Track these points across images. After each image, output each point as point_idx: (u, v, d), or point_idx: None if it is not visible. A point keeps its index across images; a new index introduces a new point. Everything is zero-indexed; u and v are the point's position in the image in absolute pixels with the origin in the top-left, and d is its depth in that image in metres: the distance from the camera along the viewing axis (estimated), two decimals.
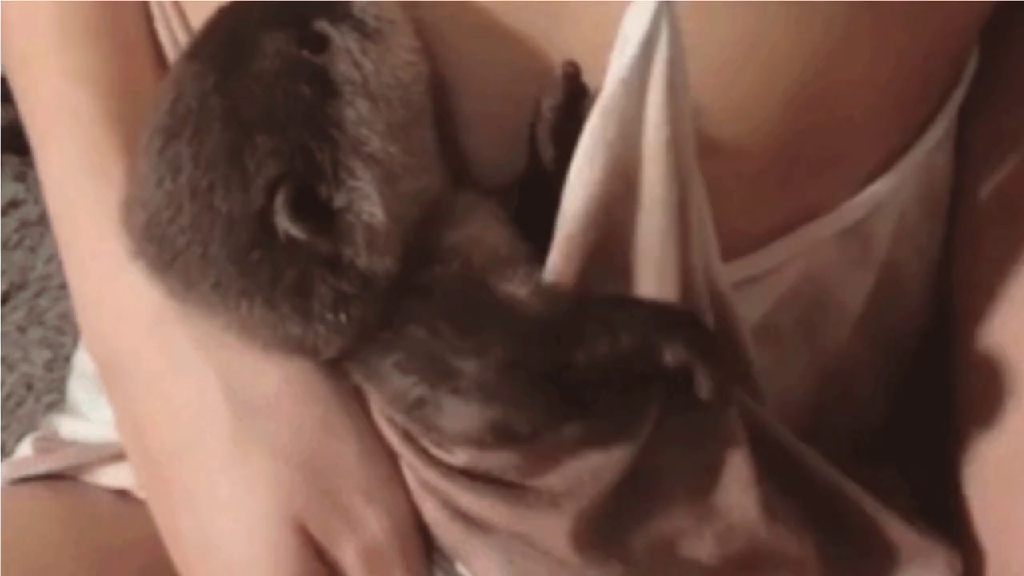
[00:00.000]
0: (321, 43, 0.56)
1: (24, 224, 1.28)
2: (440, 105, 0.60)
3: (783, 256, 0.66)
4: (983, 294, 0.69)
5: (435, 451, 0.59)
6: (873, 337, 0.72)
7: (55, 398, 1.15)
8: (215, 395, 0.61)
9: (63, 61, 0.66)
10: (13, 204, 1.29)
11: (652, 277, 0.57)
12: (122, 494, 0.73)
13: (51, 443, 0.77)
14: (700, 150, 0.58)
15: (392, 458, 0.60)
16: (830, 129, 0.63)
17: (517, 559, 0.59)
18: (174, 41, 0.68)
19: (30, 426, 1.17)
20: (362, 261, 0.56)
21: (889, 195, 0.68)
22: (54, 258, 1.25)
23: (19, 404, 1.15)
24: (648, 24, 0.54)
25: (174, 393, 0.62)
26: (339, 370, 0.59)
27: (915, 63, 0.64)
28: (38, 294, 1.24)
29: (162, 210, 0.57)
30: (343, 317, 0.56)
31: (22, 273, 1.26)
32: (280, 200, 0.55)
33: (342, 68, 0.56)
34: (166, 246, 0.57)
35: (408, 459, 0.60)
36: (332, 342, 0.57)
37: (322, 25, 0.56)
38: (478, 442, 0.57)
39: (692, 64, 0.56)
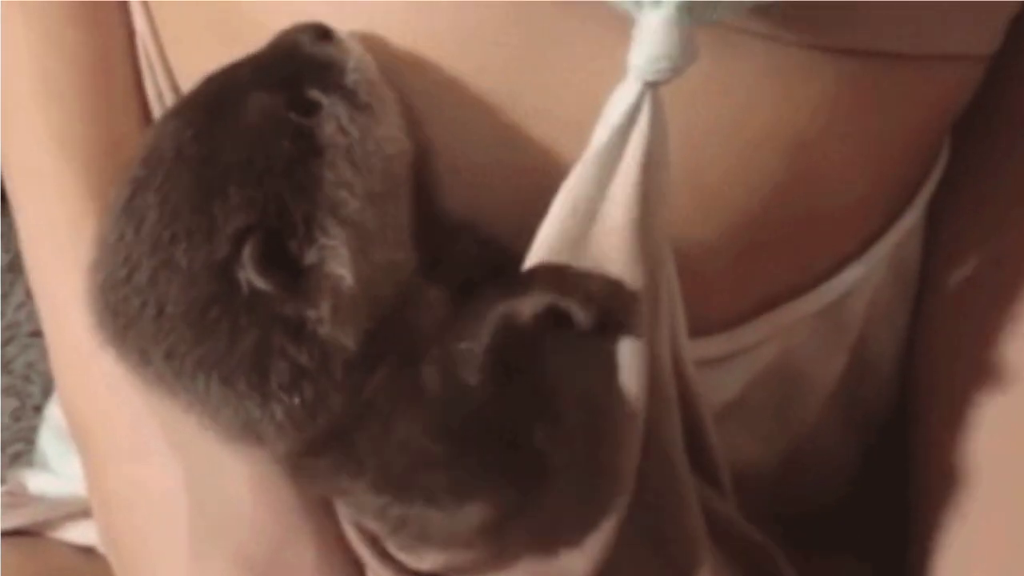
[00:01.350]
0: (310, 108, 0.56)
1: None
2: (422, 178, 0.60)
3: (757, 336, 0.66)
4: (942, 378, 0.70)
5: (402, 556, 0.58)
6: (845, 414, 0.72)
7: (20, 448, 1.15)
8: (177, 488, 0.60)
9: (46, 120, 0.66)
10: None
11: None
12: (88, 551, 0.73)
13: (18, 498, 0.77)
14: (675, 230, 0.58)
15: (353, 566, 0.60)
16: (806, 214, 0.64)
17: None
18: (162, 103, 0.68)
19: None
20: (324, 329, 0.54)
21: (863, 278, 0.68)
22: (24, 306, 1.25)
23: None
24: (630, 103, 0.54)
25: (138, 476, 0.61)
26: (304, 471, 0.57)
27: (893, 153, 0.65)
28: (7, 342, 1.24)
29: (119, 267, 0.55)
30: (297, 399, 0.54)
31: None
32: (248, 250, 0.53)
33: (328, 131, 0.55)
34: (120, 310, 0.55)
35: (374, 568, 0.59)
36: (290, 430, 0.55)
37: (313, 92, 0.56)
38: (468, 542, 0.56)
39: (673, 144, 0.56)
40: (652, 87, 0.54)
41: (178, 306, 0.54)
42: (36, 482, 0.78)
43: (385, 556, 0.59)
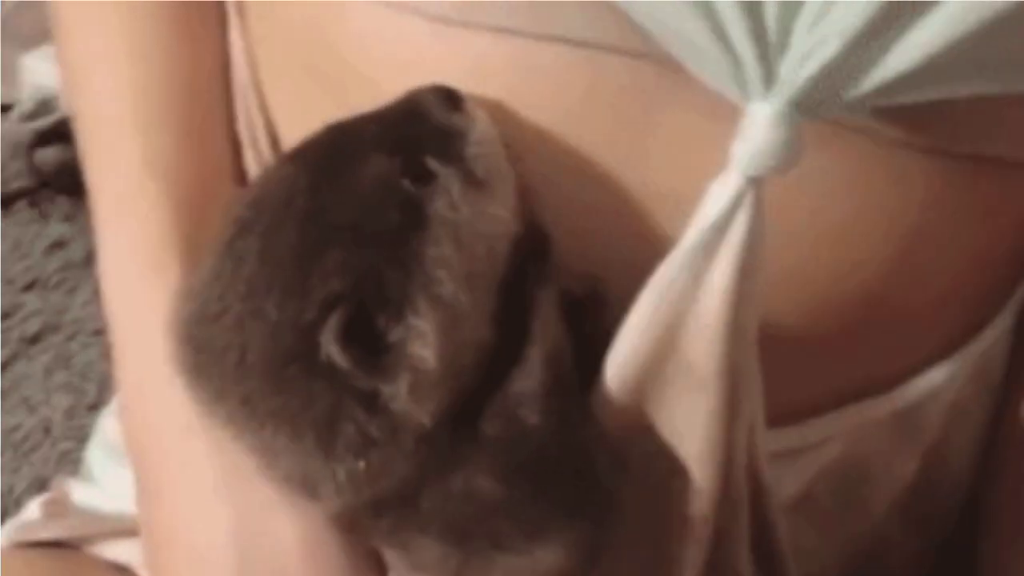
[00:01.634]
0: (425, 177, 0.54)
1: (67, 265, 1.28)
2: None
3: (828, 432, 0.64)
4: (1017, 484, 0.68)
5: None
6: (911, 517, 0.70)
7: (70, 446, 1.14)
8: (225, 536, 0.59)
9: (138, 145, 0.65)
10: (59, 244, 1.29)
11: (694, 453, 0.56)
12: (124, 570, 0.72)
13: (60, 507, 0.76)
14: (761, 323, 0.56)
15: None
16: (890, 312, 0.61)
17: None
18: (251, 132, 0.67)
19: (41, 470, 1.17)
20: (398, 405, 0.53)
21: (944, 383, 0.66)
22: (91, 302, 1.24)
23: (34, 448, 1.14)
24: (730, 197, 0.53)
25: (186, 518, 0.60)
26: (359, 527, 0.57)
27: (989, 258, 0.63)
28: (70, 338, 1.24)
29: (211, 303, 0.54)
30: (362, 464, 0.53)
31: (57, 315, 1.26)
32: (334, 320, 0.52)
33: (438, 205, 0.54)
34: (203, 346, 0.55)
35: None
36: (350, 491, 0.54)
37: (431, 162, 0.55)
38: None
39: (769, 238, 0.54)
40: (754, 182, 0.53)
41: (260, 356, 0.53)
42: (80, 494, 0.77)
43: None
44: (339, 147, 0.55)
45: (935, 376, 0.65)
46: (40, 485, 1.12)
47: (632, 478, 0.56)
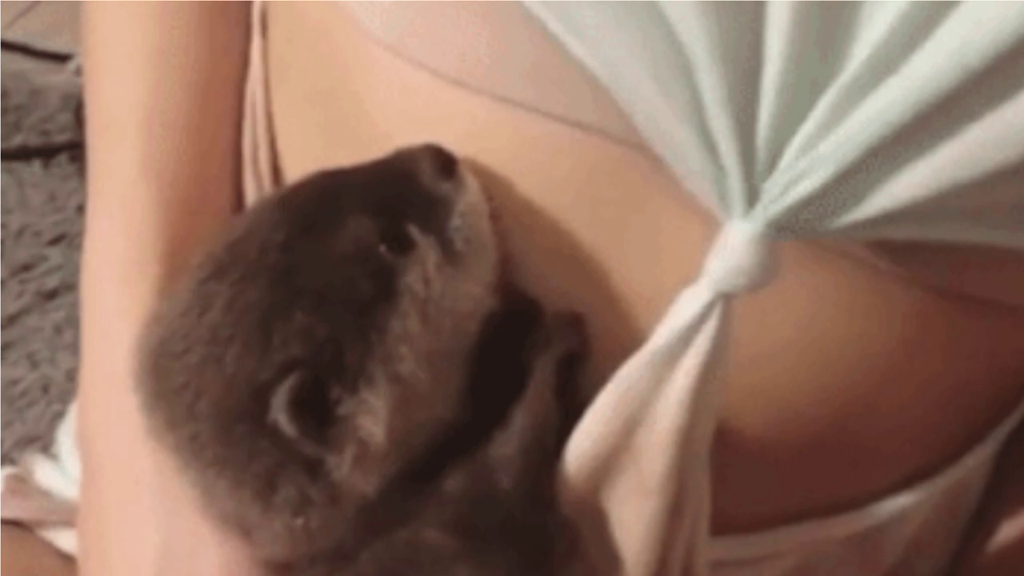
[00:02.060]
0: (403, 246, 0.54)
1: None
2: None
3: (782, 545, 0.63)
4: None
5: None
6: None
7: (63, 408, 1.15)
8: (149, 557, 0.58)
9: (136, 144, 0.64)
10: None
11: (632, 552, 0.55)
12: (72, 560, 0.72)
13: (22, 485, 0.76)
14: (718, 433, 0.55)
15: None
16: (854, 437, 0.60)
17: None
18: (255, 156, 0.67)
19: (33, 428, 1.17)
20: (341, 475, 0.52)
21: (909, 509, 0.65)
22: None
23: (30, 404, 1.15)
24: (697, 310, 0.52)
25: (117, 530, 0.60)
26: (291, 572, 0.56)
27: (967, 394, 0.61)
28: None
29: (176, 339, 0.54)
30: (300, 522, 0.53)
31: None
32: (287, 385, 0.51)
33: (410, 279, 0.53)
34: (163, 378, 0.54)
35: None
36: (286, 543, 0.54)
37: (413, 229, 0.54)
38: None
39: (735, 351, 0.54)
40: (725, 297, 0.52)
41: (212, 404, 0.53)
42: (44, 473, 0.77)
43: None
44: (323, 201, 0.55)
45: (900, 502, 0.64)
46: (29, 442, 1.12)
47: (581, 568, 0.56)
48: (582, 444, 0.54)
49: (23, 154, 1.27)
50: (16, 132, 1.30)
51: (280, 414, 0.51)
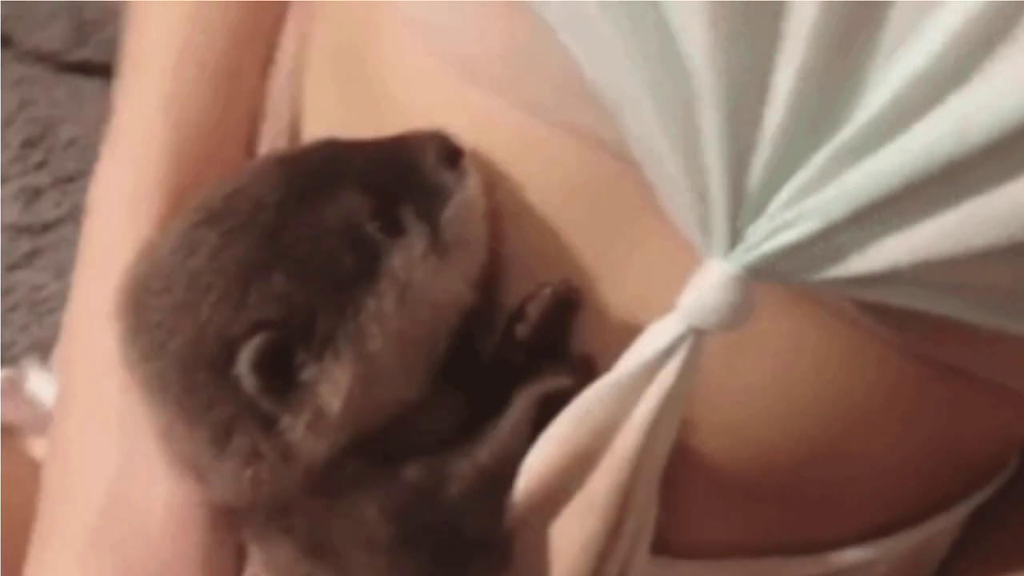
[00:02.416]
0: (394, 228, 0.54)
1: None
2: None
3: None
4: None
5: None
6: None
7: None
8: (104, 479, 0.60)
9: (162, 83, 0.65)
10: None
11: (561, 567, 0.56)
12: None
13: (12, 388, 0.77)
14: (682, 461, 0.56)
15: None
16: (827, 488, 0.60)
17: None
18: (276, 116, 0.67)
19: (48, 335, 1.19)
20: (294, 436, 0.53)
21: (869, 561, 0.64)
22: None
23: (50, 312, 1.16)
24: (667, 341, 0.52)
25: (77, 448, 0.61)
26: (233, 517, 0.58)
27: (940, 461, 0.61)
28: None
29: (158, 278, 0.55)
30: (249, 472, 0.54)
31: None
32: (253, 344, 0.52)
33: (395, 262, 0.54)
34: (141, 312, 0.56)
35: None
36: (233, 490, 0.55)
37: (407, 212, 0.55)
38: None
39: (706, 387, 0.54)
40: (696, 333, 0.52)
41: (181, 347, 0.54)
42: (36, 381, 0.78)
43: None
44: (324, 169, 0.55)
45: (858, 554, 0.64)
46: (42, 348, 1.14)
47: None
48: (533, 463, 0.55)
49: (85, 68, 1.28)
50: (83, 46, 1.31)
51: (244, 369, 0.52)
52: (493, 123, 0.56)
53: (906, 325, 0.55)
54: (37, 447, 0.74)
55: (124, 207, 0.64)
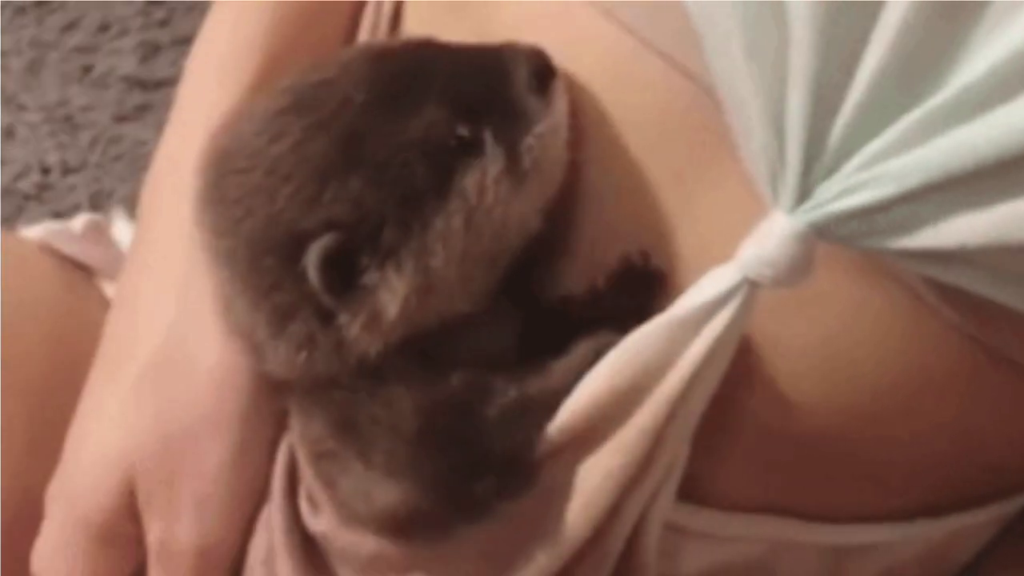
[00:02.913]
0: (472, 148, 0.55)
1: None
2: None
3: (750, 532, 0.63)
4: None
5: (304, 506, 0.59)
6: None
7: None
8: (161, 325, 0.62)
9: None
10: None
11: (580, 496, 0.56)
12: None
13: (97, 233, 0.79)
14: (724, 410, 0.56)
15: (253, 497, 0.61)
16: (857, 459, 0.60)
17: None
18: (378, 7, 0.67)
19: (136, 189, 1.21)
20: (349, 332, 0.54)
21: (886, 542, 0.64)
22: None
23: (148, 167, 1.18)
24: (723, 288, 0.52)
25: (141, 300, 0.63)
26: (273, 388, 0.59)
27: (971, 450, 0.61)
28: None
29: (241, 157, 0.56)
30: (303, 355, 0.55)
31: None
32: (322, 243, 0.53)
33: (468, 182, 0.54)
34: (220, 188, 0.57)
35: (277, 503, 0.60)
36: (285, 367, 0.56)
37: (487, 134, 0.55)
38: (372, 521, 0.56)
39: (759, 339, 0.54)
40: (750, 284, 0.52)
41: (253, 229, 0.55)
42: (120, 228, 0.80)
43: (291, 496, 0.59)
44: (413, 75, 0.55)
45: (878, 532, 0.64)
46: (132, 202, 1.17)
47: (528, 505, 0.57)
48: (577, 397, 0.55)
49: None
50: None
51: (311, 264, 0.53)
52: (589, 37, 0.56)
53: (971, 309, 0.54)
54: (112, 290, 0.76)
55: (216, 68, 0.65)
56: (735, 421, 0.58)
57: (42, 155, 1.17)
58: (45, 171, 1.16)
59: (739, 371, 0.56)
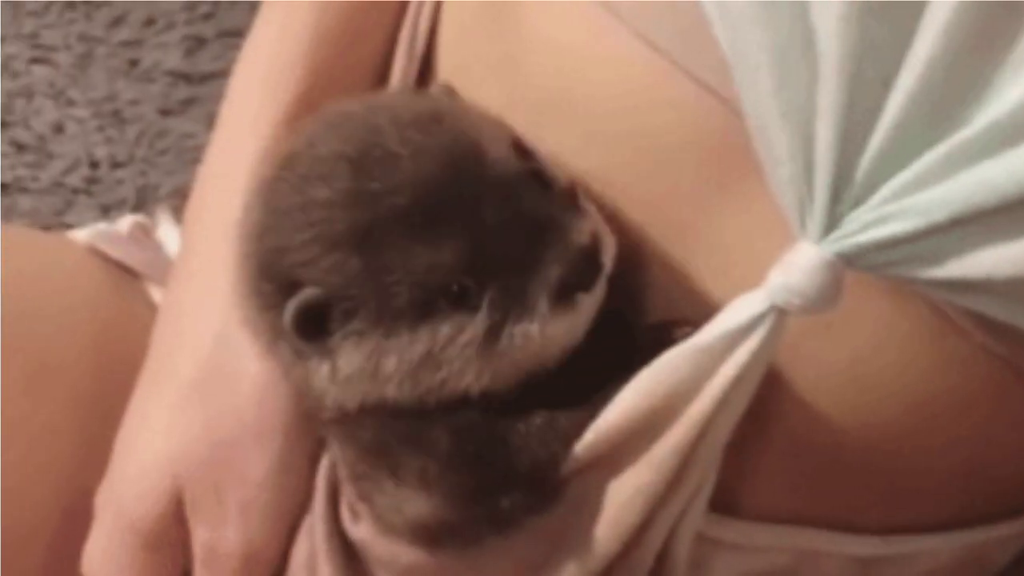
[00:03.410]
0: (466, 300, 0.55)
1: None
2: None
3: (776, 544, 0.63)
4: None
5: (345, 514, 0.60)
6: None
7: None
8: (204, 344, 0.63)
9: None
10: None
11: (609, 511, 0.57)
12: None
13: (142, 234, 0.81)
14: (752, 422, 0.57)
15: (296, 504, 0.62)
16: (881, 473, 0.61)
17: None
18: (412, 37, 0.68)
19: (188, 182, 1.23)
20: (317, 378, 0.57)
21: (918, 553, 0.64)
22: None
23: (194, 161, 1.18)
24: (751, 315, 0.53)
25: (188, 308, 0.65)
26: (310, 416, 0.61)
27: (997, 464, 0.61)
28: None
29: (290, 179, 0.57)
30: (295, 376, 0.58)
31: None
32: (304, 296, 0.55)
33: (442, 330, 0.55)
34: (266, 197, 0.58)
35: (319, 513, 0.61)
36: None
37: (487, 298, 0.54)
38: (406, 532, 0.58)
39: (788, 358, 0.55)
40: (779, 312, 0.52)
41: (267, 251, 0.57)
42: (166, 229, 0.81)
43: (332, 505, 0.61)
44: (458, 195, 0.54)
45: (905, 544, 0.64)
46: (184, 195, 1.18)
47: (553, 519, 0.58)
48: (605, 419, 0.56)
49: None
50: None
51: (288, 309, 0.55)
52: (622, 55, 0.57)
53: (1004, 331, 0.55)
54: (157, 293, 0.77)
55: (263, 78, 0.66)
56: (764, 436, 0.59)
57: (91, 149, 1.19)
58: (94, 165, 1.18)
59: (769, 388, 0.57)
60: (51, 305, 0.72)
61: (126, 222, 0.82)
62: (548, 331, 0.54)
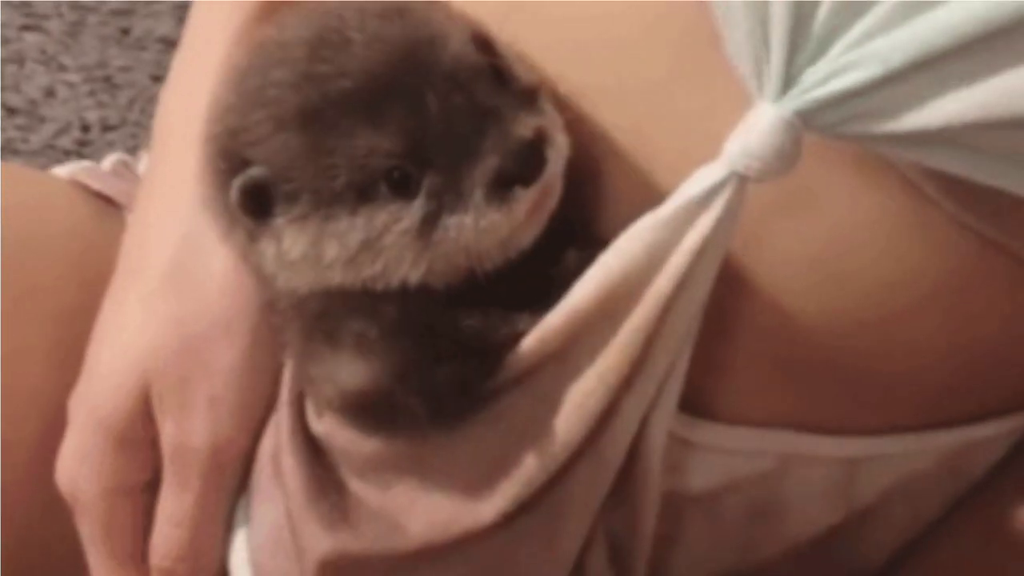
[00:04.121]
0: (404, 188, 0.54)
1: None
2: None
3: (754, 447, 0.63)
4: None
5: (310, 409, 0.61)
6: (809, 563, 0.68)
7: None
8: (170, 244, 0.64)
9: None
10: None
11: (572, 399, 0.57)
12: None
13: (124, 169, 0.81)
14: (726, 323, 0.57)
15: (263, 399, 0.63)
16: (864, 367, 0.60)
17: (285, 535, 0.62)
18: None
19: None
20: (266, 259, 0.58)
21: (896, 455, 0.64)
22: None
23: None
24: (709, 184, 0.52)
25: (154, 215, 0.66)
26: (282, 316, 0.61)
27: (986, 357, 0.60)
28: None
29: (253, 66, 0.58)
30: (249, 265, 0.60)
31: None
32: (251, 173, 0.56)
33: (379, 217, 0.55)
34: (234, 85, 0.58)
35: (284, 405, 0.62)
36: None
37: (425, 186, 0.54)
38: (337, 403, 0.58)
39: (752, 246, 0.54)
40: (739, 178, 0.52)
41: (222, 131, 0.58)
42: (145, 166, 0.82)
43: (298, 402, 0.62)
44: (406, 72, 0.55)
45: (887, 444, 0.63)
46: None
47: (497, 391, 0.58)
48: (569, 300, 0.56)
49: None
50: None
51: (234, 187, 0.56)
52: None
53: (972, 198, 0.54)
54: None
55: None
56: (735, 330, 0.59)
57: (82, 113, 1.20)
58: (85, 128, 1.19)
59: (736, 279, 0.57)
60: (34, 233, 0.73)
61: (109, 159, 0.83)
62: (482, 223, 0.54)
